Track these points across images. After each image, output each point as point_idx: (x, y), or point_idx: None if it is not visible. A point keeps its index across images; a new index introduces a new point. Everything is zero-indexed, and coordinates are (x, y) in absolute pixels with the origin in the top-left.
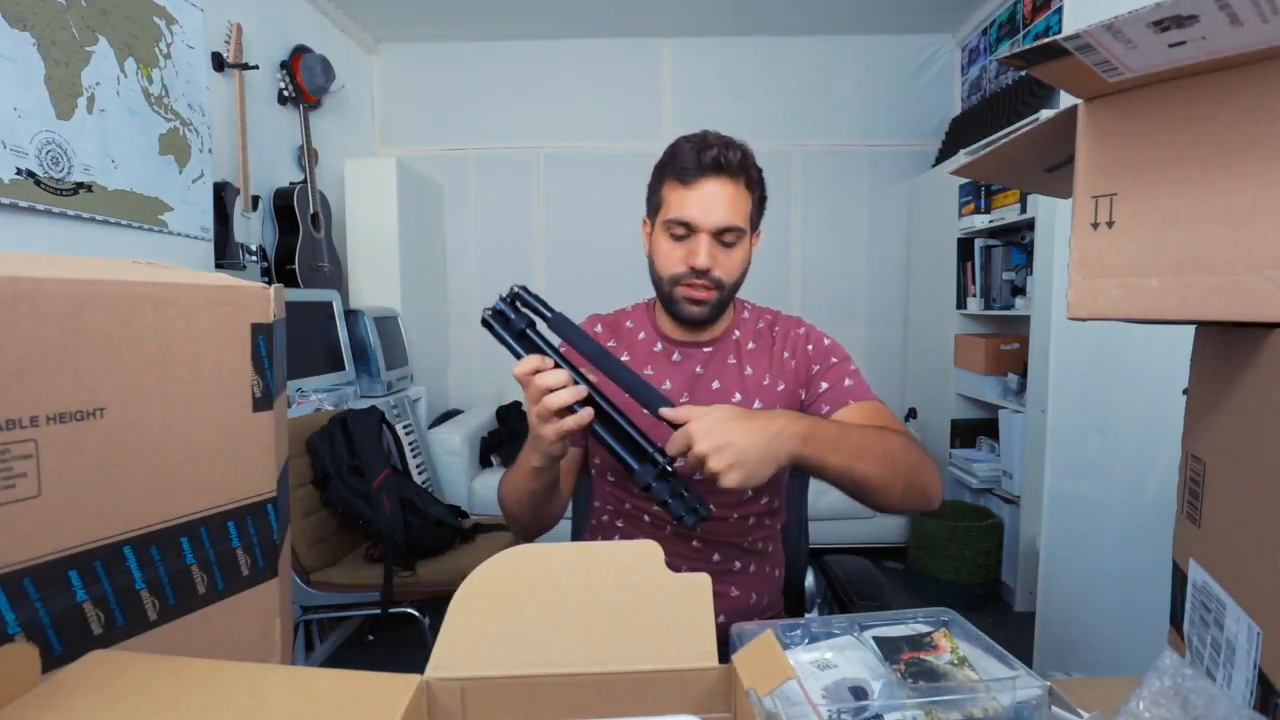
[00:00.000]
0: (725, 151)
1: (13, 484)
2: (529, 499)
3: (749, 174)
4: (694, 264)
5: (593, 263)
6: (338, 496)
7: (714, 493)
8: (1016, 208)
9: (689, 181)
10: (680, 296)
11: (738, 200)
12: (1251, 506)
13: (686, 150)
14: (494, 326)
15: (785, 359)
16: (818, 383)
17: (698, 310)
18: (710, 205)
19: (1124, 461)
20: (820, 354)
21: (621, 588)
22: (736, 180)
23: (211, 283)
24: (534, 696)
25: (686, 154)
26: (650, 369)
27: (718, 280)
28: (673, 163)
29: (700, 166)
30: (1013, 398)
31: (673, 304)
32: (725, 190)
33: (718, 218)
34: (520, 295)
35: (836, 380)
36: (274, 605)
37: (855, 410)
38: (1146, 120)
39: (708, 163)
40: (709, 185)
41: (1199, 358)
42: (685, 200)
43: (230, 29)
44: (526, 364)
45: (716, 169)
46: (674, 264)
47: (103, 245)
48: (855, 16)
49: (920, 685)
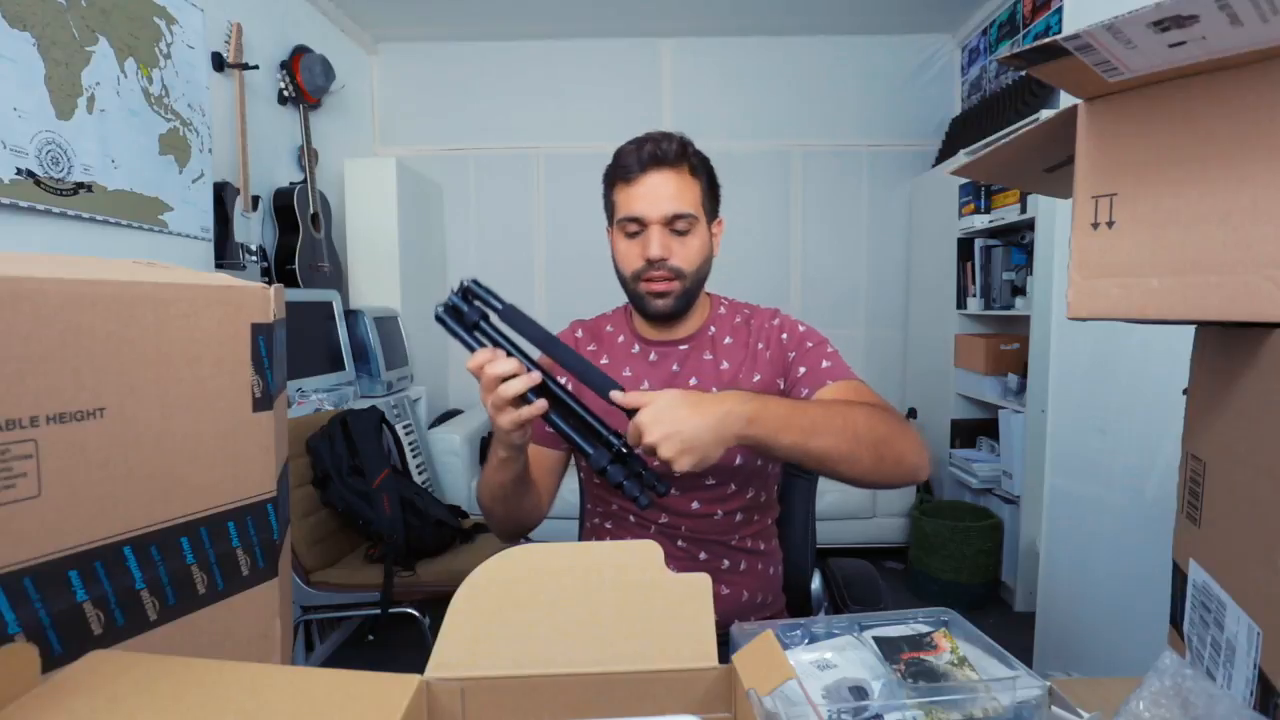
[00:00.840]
0: (661, 144)
1: (13, 484)
2: (500, 492)
3: (690, 161)
4: (648, 255)
5: (593, 263)
6: (338, 496)
7: (699, 490)
8: (1016, 208)
9: (631, 179)
10: (643, 292)
11: (683, 188)
12: (1251, 506)
13: (627, 151)
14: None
15: (760, 350)
16: (796, 368)
17: (662, 303)
18: (655, 197)
19: (1124, 461)
20: (795, 340)
21: (621, 588)
22: (678, 169)
23: (211, 283)
24: (534, 696)
25: (627, 154)
26: (628, 370)
27: (676, 269)
28: (616, 166)
29: (640, 162)
30: (1013, 398)
31: (639, 301)
32: (668, 180)
33: (665, 207)
34: (471, 289)
35: (814, 363)
36: (274, 605)
37: (832, 390)
38: (1146, 120)
39: (645, 157)
40: (651, 178)
41: (1199, 358)
42: (631, 197)
43: (230, 29)
44: (479, 357)
45: (656, 161)
46: (632, 261)
47: (103, 245)
48: (855, 16)
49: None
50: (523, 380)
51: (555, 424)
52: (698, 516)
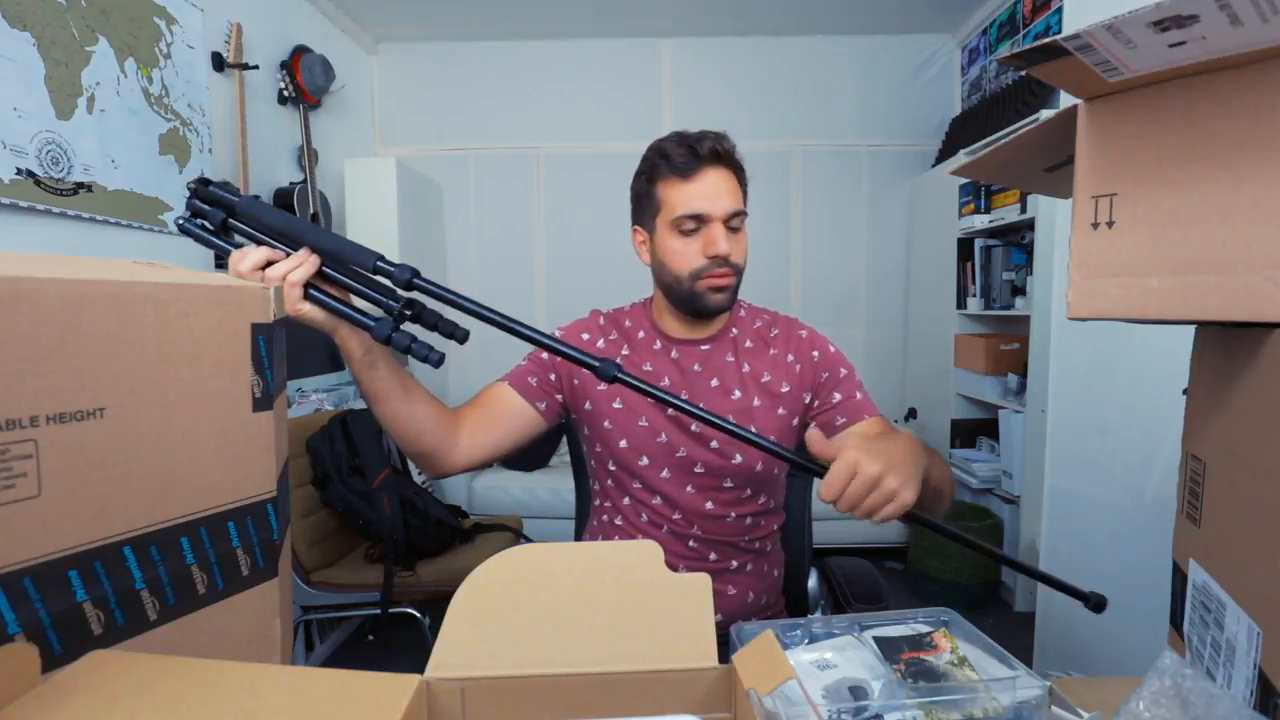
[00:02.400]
0: (719, 142)
1: (13, 484)
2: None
3: (737, 160)
4: (715, 253)
5: (593, 263)
6: (338, 496)
7: (715, 491)
8: (1016, 208)
9: (690, 175)
10: (704, 289)
11: (735, 186)
12: (1251, 506)
13: (676, 148)
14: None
15: (790, 362)
16: (829, 392)
17: (722, 298)
18: (716, 194)
19: (1124, 461)
20: (828, 362)
21: (621, 588)
22: (731, 166)
23: (211, 283)
24: (534, 696)
25: (678, 152)
26: (649, 365)
27: (737, 266)
28: (666, 163)
29: (699, 158)
30: (1013, 398)
31: (696, 299)
32: (726, 177)
33: (726, 204)
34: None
35: (849, 394)
36: (274, 605)
37: (871, 425)
38: (1146, 120)
39: (706, 154)
40: (710, 175)
41: (1199, 358)
42: (690, 194)
43: (230, 29)
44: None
45: (715, 159)
46: (692, 259)
47: (103, 245)
48: (855, 16)
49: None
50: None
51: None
52: (711, 518)
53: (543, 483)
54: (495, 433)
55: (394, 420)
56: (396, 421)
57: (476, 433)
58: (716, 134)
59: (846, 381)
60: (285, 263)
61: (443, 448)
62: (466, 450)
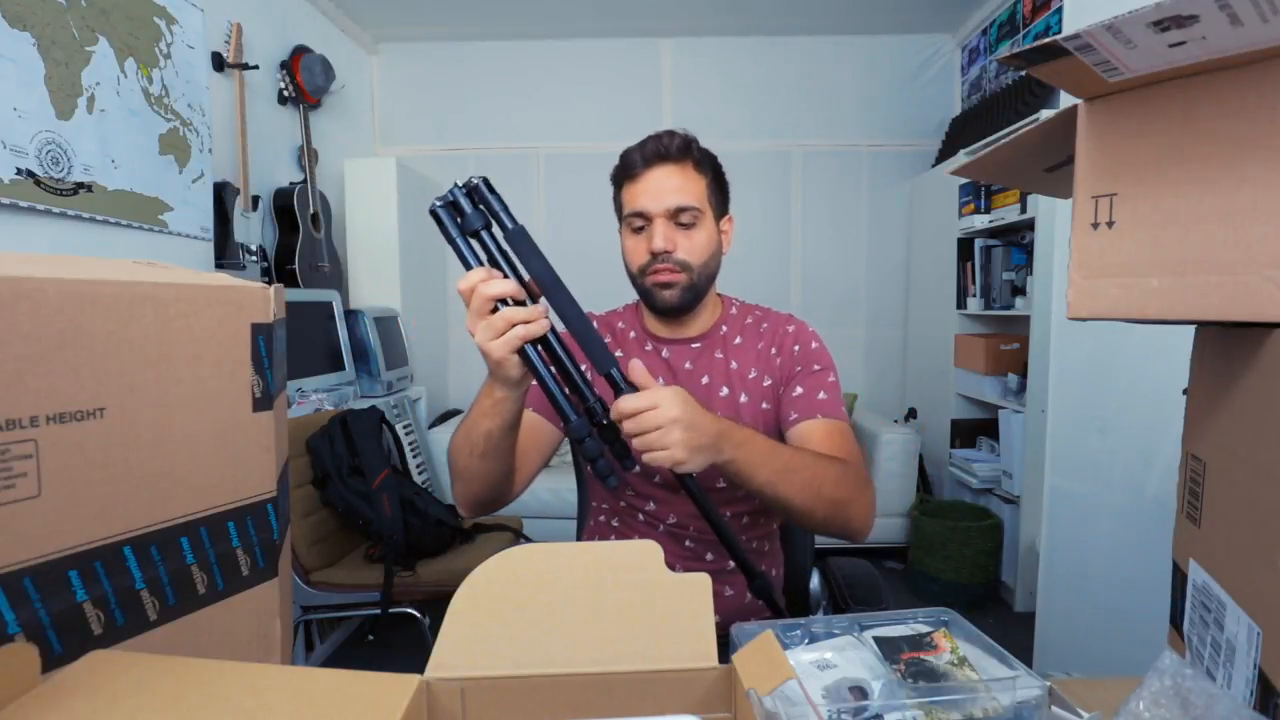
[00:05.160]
0: (663, 140)
1: (13, 484)
2: (482, 445)
3: (694, 156)
4: (653, 248)
5: (593, 263)
6: (338, 496)
7: (710, 491)
8: (1016, 208)
9: (636, 175)
10: (650, 285)
11: (687, 182)
12: (1251, 506)
13: (632, 150)
14: (442, 218)
15: (772, 355)
16: (793, 385)
17: (669, 294)
18: (658, 190)
19: (1124, 461)
20: (805, 356)
21: (621, 588)
22: (682, 163)
23: (211, 283)
24: (534, 696)
25: (632, 153)
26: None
27: (682, 262)
28: (621, 166)
29: (644, 159)
30: (1013, 398)
31: (647, 296)
32: (671, 174)
33: (668, 200)
34: (479, 189)
35: (811, 390)
36: (274, 605)
37: (819, 425)
38: (1146, 120)
39: (649, 153)
40: (654, 173)
41: (1199, 358)
42: (636, 193)
43: (230, 29)
44: (473, 276)
45: (659, 157)
46: (639, 255)
47: (103, 245)
48: (855, 16)
49: (920, 685)
50: (526, 311)
51: (541, 373)
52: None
53: (543, 483)
54: (534, 462)
55: (489, 473)
56: (491, 474)
57: (522, 469)
58: (666, 133)
59: (816, 376)
60: (522, 311)
61: (510, 495)
62: (517, 488)
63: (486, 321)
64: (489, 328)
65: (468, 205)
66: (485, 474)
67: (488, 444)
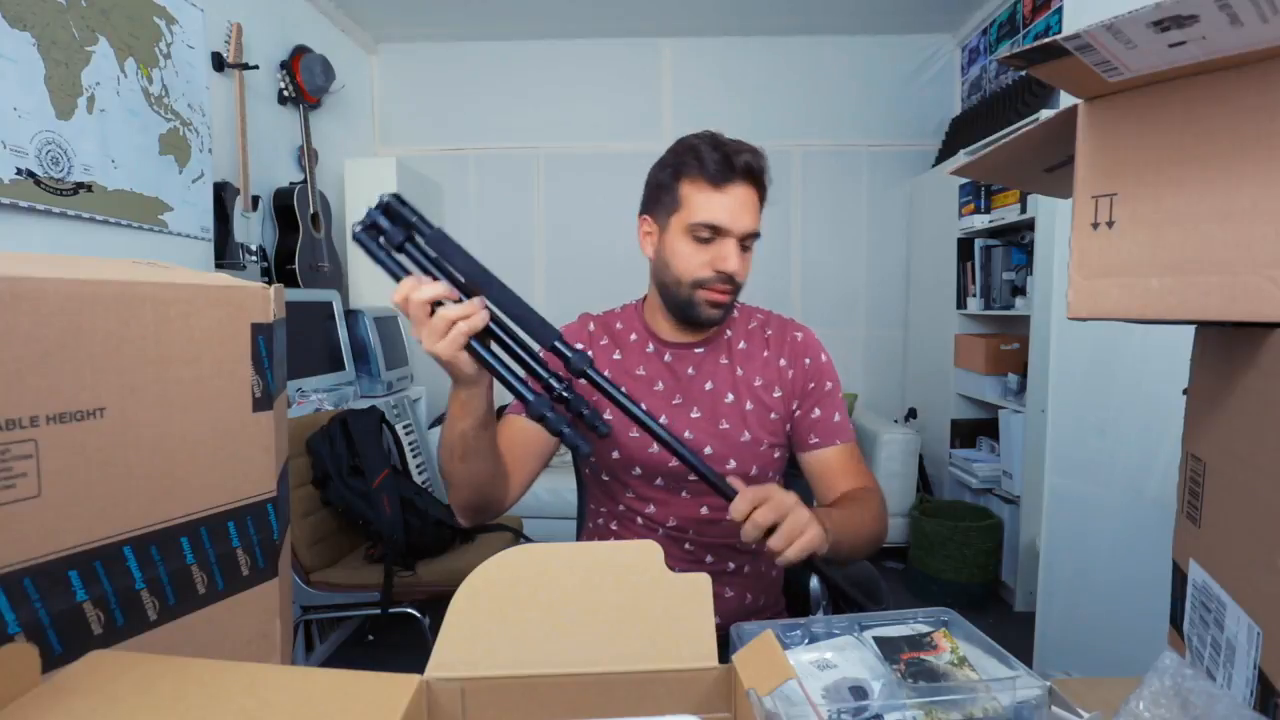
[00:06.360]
0: (755, 158)
1: (13, 484)
2: (460, 445)
3: (764, 182)
4: (724, 268)
5: (593, 263)
6: (338, 496)
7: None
8: (1016, 208)
9: (720, 185)
10: (702, 300)
11: (758, 206)
12: (1251, 506)
13: (711, 152)
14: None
15: (782, 366)
16: (810, 406)
17: (718, 313)
18: (740, 211)
19: (1124, 461)
20: (817, 372)
21: (621, 588)
22: (759, 186)
23: (211, 283)
24: (534, 696)
25: (712, 156)
26: (643, 369)
27: (739, 284)
28: (697, 164)
29: (732, 170)
30: (1013, 398)
31: (691, 307)
32: (751, 196)
33: (747, 223)
34: (392, 205)
35: (829, 413)
36: (274, 605)
37: (841, 451)
38: (1146, 120)
39: (740, 168)
40: (739, 190)
41: (1199, 358)
42: (714, 204)
43: (230, 29)
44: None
45: (748, 175)
46: (698, 267)
47: (103, 245)
48: (855, 16)
49: (920, 685)
50: (461, 307)
51: (491, 364)
52: (707, 522)
53: (542, 483)
54: (530, 467)
55: (474, 475)
56: (476, 476)
57: (516, 473)
58: (754, 149)
59: (829, 397)
60: (457, 308)
61: (504, 499)
62: (513, 493)
63: (429, 327)
64: (432, 332)
65: (386, 223)
66: (471, 476)
67: (465, 445)
